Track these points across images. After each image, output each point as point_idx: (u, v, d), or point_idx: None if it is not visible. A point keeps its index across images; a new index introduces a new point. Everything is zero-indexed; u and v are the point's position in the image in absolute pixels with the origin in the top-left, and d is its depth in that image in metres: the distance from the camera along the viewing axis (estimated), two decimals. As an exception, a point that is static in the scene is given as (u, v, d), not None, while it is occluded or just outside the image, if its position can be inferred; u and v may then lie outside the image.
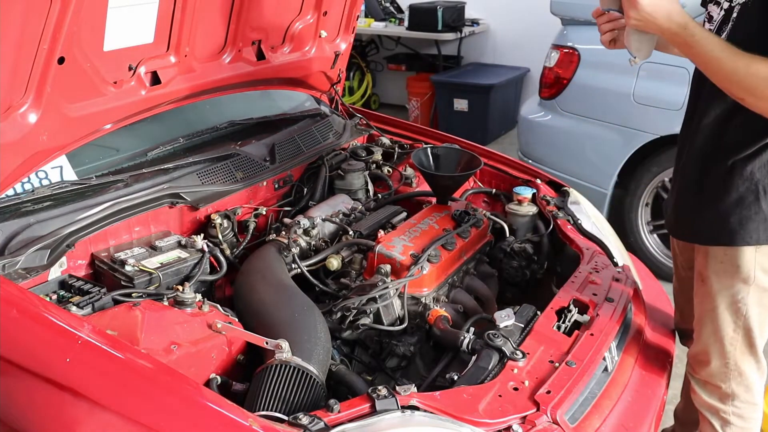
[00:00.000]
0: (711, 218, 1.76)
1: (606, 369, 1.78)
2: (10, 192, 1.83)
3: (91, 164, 2.09)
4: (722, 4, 1.71)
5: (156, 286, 1.77)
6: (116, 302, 1.66)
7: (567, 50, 3.93)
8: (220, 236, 2.08)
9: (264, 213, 2.27)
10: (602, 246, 2.21)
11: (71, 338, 1.36)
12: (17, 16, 1.57)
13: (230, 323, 1.64)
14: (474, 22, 6.35)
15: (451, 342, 1.74)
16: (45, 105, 1.75)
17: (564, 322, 1.80)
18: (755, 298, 1.77)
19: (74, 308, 1.60)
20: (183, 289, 1.71)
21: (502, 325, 1.70)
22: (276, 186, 2.41)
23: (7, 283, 1.52)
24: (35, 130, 1.76)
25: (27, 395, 1.34)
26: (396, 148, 2.72)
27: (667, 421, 2.30)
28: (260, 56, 2.47)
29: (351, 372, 1.73)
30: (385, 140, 2.78)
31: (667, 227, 2.03)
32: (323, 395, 1.50)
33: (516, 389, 1.52)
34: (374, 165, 2.62)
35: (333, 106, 2.97)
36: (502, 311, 1.74)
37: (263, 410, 1.38)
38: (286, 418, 1.31)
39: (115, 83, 1.97)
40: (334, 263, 2.00)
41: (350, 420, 1.32)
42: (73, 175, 1.99)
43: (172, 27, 2.05)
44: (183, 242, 1.94)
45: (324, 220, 2.20)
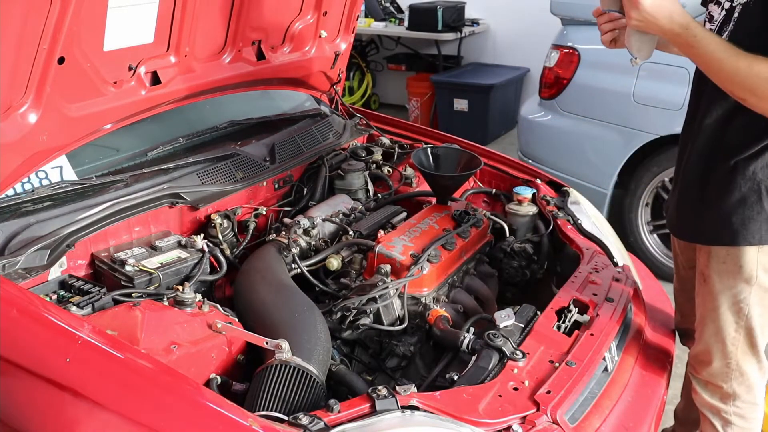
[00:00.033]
0: (713, 218, 1.76)
1: (606, 369, 1.78)
2: (10, 192, 1.83)
3: (91, 164, 2.09)
4: (723, 4, 1.71)
5: (156, 286, 1.77)
6: (116, 302, 1.66)
7: (567, 50, 3.93)
8: (220, 236, 2.08)
9: (264, 213, 2.27)
10: (602, 246, 2.21)
11: (71, 338, 1.36)
12: (17, 16, 1.57)
13: (230, 323, 1.64)
14: (474, 22, 6.35)
15: (451, 342, 1.74)
16: (45, 105, 1.75)
17: (564, 322, 1.80)
18: (757, 298, 1.76)
19: (74, 308, 1.59)
20: (183, 289, 1.71)
21: (502, 325, 1.70)
22: (276, 186, 2.40)
23: (7, 283, 1.52)
24: (35, 130, 1.76)
25: (27, 395, 1.34)
26: (396, 148, 2.72)
27: (667, 421, 2.30)
28: (260, 56, 2.47)
29: (351, 372, 1.73)
30: (385, 140, 2.78)
31: (669, 227, 2.03)
32: (323, 395, 1.50)
33: (516, 389, 1.52)
34: (374, 165, 2.62)
35: (333, 106, 2.96)
36: (502, 311, 1.74)
37: (263, 410, 1.38)
38: (286, 418, 1.31)
39: (115, 83, 1.97)
40: (334, 263, 2.00)
41: (350, 420, 1.32)
42: (73, 175, 1.99)
43: (172, 27, 2.05)
44: (183, 242, 1.94)
45: (324, 220, 2.20)
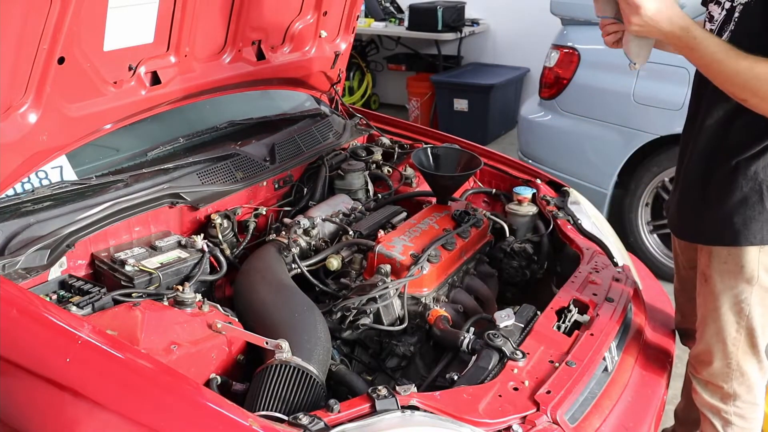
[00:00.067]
0: (714, 218, 1.76)
1: (606, 369, 1.78)
2: (10, 192, 1.83)
3: (91, 164, 2.09)
4: (723, 4, 1.70)
5: (156, 286, 1.77)
6: (116, 302, 1.66)
7: (567, 50, 3.93)
8: (220, 236, 2.08)
9: (264, 213, 2.27)
10: (602, 246, 2.21)
11: (71, 338, 1.36)
12: (17, 16, 1.57)
13: (230, 323, 1.64)
14: (474, 22, 6.35)
15: (451, 342, 1.74)
16: (45, 105, 1.75)
17: (564, 322, 1.80)
18: (758, 299, 1.76)
19: (74, 308, 1.59)
20: (183, 289, 1.71)
21: (502, 325, 1.70)
22: (276, 186, 2.40)
23: (7, 283, 1.52)
24: (35, 130, 1.76)
25: (27, 395, 1.34)
26: (396, 148, 2.72)
27: (667, 421, 2.30)
28: (260, 56, 2.47)
29: (351, 372, 1.73)
30: (385, 140, 2.78)
31: (670, 227, 2.03)
32: (323, 395, 1.50)
33: (516, 389, 1.52)
34: (374, 165, 2.62)
35: (333, 106, 2.96)
36: (502, 311, 1.74)
37: (263, 410, 1.38)
38: (286, 418, 1.31)
39: (115, 83, 1.97)
40: (334, 263, 2.00)
41: (350, 420, 1.32)
42: (73, 175, 1.99)
43: (172, 27, 2.05)
44: (183, 242, 1.94)
45: (324, 220, 2.20)
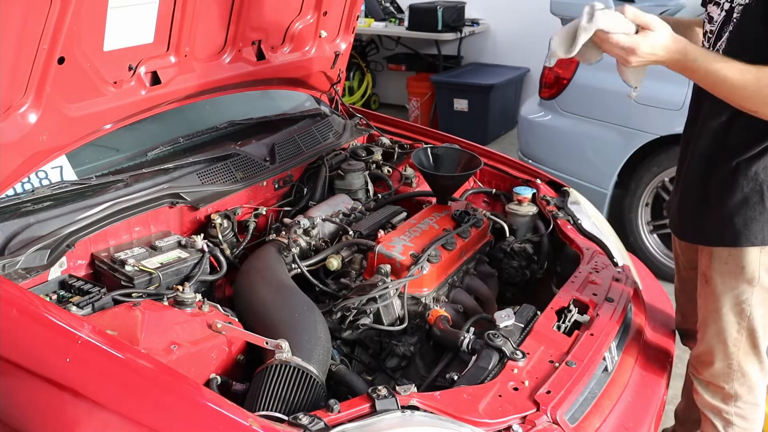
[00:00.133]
0: (715, 219, 1.76)
1: (606, 369, 1.78)
2: (10, 192, 1.83)
3: (91, 164, 2.09)
4: (723, 5, 1.70)
5: (156, 286, 1.77)
6: (116, 302, 1.66)
7: (567, 50, 3.93)
8: (220, 236, 2.08)
9: (264, 213, 2.27)
10: (602, 246, 2.21)
11: (71, 338, 1.36)
12: (17, 16, 1.57)
13: (230, 323, 1.64)
14: (474, 22, 6.35)
15: (451, 342, 1.74)
16: (45, 105, 1.75)
17: (564, 322, 1.80)
18: (759, 299, 1.76)
19: (74, 308, 1.59)
20: (183, 289, 1.71)
21: (502, 325, 1.70)
22: (276, 186, 2.40)
23: (7, 283, 1.52)
24: (35, 130, 1.76)
25: (27, 395, 1.34)
26: (396, 148, 2.72)
27: (667, 421, 2.30)
28: (260, 56, 2.47)
29: (351, 372, 1.73)
30: (385, 140, 2.78)
31: (671, 228, 2.03)
32: (323, 395, 1.50)
33: (516, 389, 1.52)
34: (374, 165, 2.62)
35: (333, 106, 2.96)
36: (502, 311, 1.74)
37: (263, 410, 1.38)
38: (286, 418, 1.31)
39: (115, 83, 1.97)
40: (334, 263, 1.99)
41: (350, 420, 1.32)
42: (73, 175, 1.99)
43: (172, 27, 2.05)
44: (183, 242, 1.94)
45: (324, 220, 2.20)
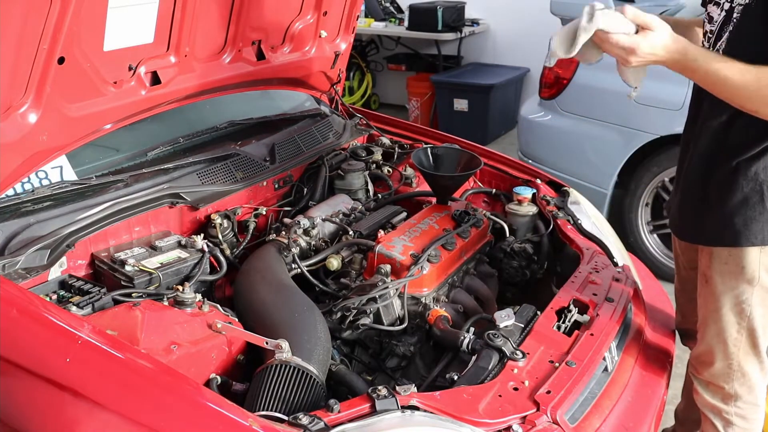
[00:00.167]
0: (715, 219, 1.76)
1: (606, 369, 1.78)
2: (10, 192, 1.83)
3: (91, 164, 2.09)
4: (723, 5, 1.70)
5: (156, 286, 1.77)
6: (116, 302, 1.66)
7: (567, 50, 3.93)
8: (220, 236, 2.08)
9: (264, 213, 2.27)
10: (602, 246, 2.21)
11: (71, 338, 1.36)
12: (17, 16, 1.57)
13: (230, 323, 1.64)
14: (474, 22, 6.35)
15: (451, 342, 1.74)
16: (45, 105, 1.75)
17: (564, 322, 1.80)
18: (759, 299, 1.76)
19: (74, 308, 1.59)
20: (183, 289, 1.71)
21: (502, 325, 1.70)
22: (276, 186, 2.40)
23: (7, 283, 1.52)
24: (35, 130, 1.76)
25: (27, 395, 1.34)
26: (396, 148, 2.72)
27: (667, 421, 2.30)
28: (260, 56, 2.47)
29: (351, 372, 1.73)
30: (385, 140, 2.78)
31: (671, 228, 2.03)
32: (323, 395, 1.50)
33: (516, 389, 1.52)
34: (374, 165, 2.62)
35: (333, 106, 2.96)
36: (502, 311, 1.74)
37: (263, 410, 1.38)
38: (286, 418, 1.31)
39: (115, 83, 1.97)
40: (334, 263, 1.99)
41: (350, 420, 1.32)
42: (73, 175, 1.99)
43: (172, 27, 2.05)
44: (183, 242, 1.94)
45: (324, 220, 2.20)
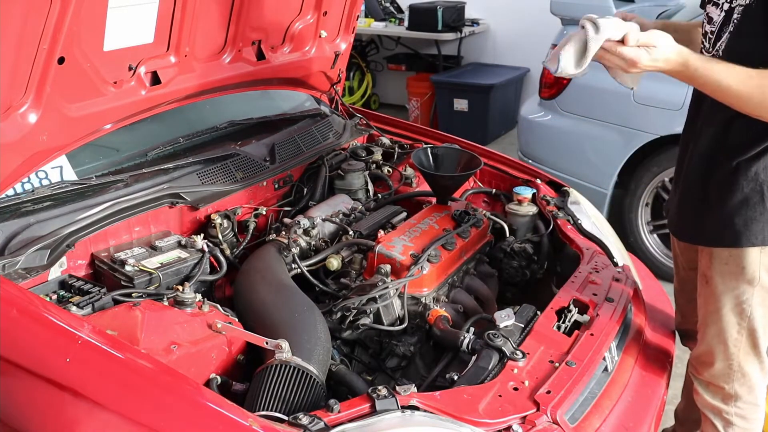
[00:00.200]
0: (715, 219, 1.76)
1: (606, 369, 1.78)
2: (10, 192, 1.83)
3: (91, 164, 2.09)
4: (722, 6, 1.70)
5: (156, 286, 1.77)
6: (116, 302, 1.66)
7: (567, 50, 3.92)
8: (220, 236, 2.08)
9: (264, 213, 2.27)
10: (602, 246, 2.21)
11: (71, 338, 1.36)
12: (17, 16, 1.57)
13: (230, 323, 1.64)
14: (474, 22, 6.35)
15: (451, 342, 1.74)
16: (45, 105, 1.75)
17: (564, 322, 1.80)
18: (760, 299, 1.76)
19: (74, 308, 1.59)
20: (183, 289, 1.71)
21: (502, 325, 1.70)
22: (276, 186, 2.40)
23: (7, 283, 1.52)
24: (35, 130, 1.76)
25: (27, 395, 1.34)
26: (396, 148, 2.72)
27: (667, 421, 2.30)
28: (260, 56, 2.47)
29: (351, 372, 1.73)
30: (385, 140, 2.78)
31: (670, 228, 2.03)
32: (323, 395, 1.50)
33: (516, 389, 1.52)
34: (374, 165, 2.62)
35: (333, 106, 2.96)
36: (502, 311, 1.74)
37: (263, 410, 1.38)
38: (286, 418, 1.31)
39: (115, 83, 1.97)
40: (334, 263, 1.99)
41: (350, 420, 1.32)
42: (73, 175, 1.99)
43: (172, 27, 2.05)
44: (183, 242, 1.94)
45: (324, 220, 2.20)
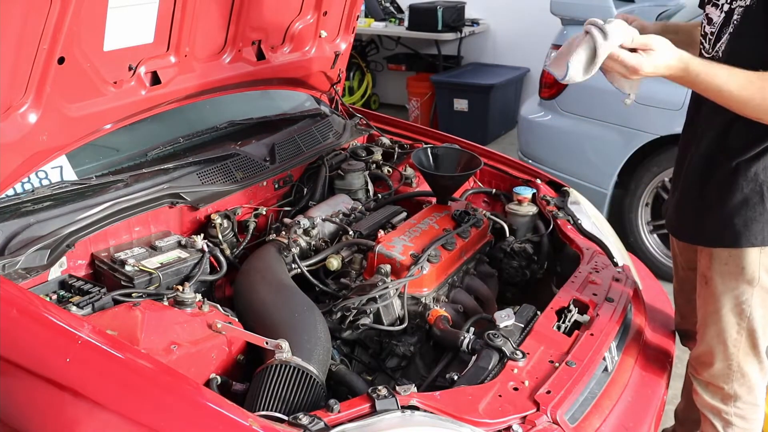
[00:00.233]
0: (715, 220, 1.76)
1: (606, 369, 1.78)
2: (10, 192, 1.83)
3: (91, 164, 2.09)
4: (722, 6, 1.69)
5: (156, 286, 1.77)
6: (116, 302, 1.66)
7: (567, 50, 3.93)
8: (220, 236, 2.08)
9: (264, 213, 2.27)
10: (602, 246, 2.21)
11: (71, 338, 1.36)
12: (17, 16, 1.57)
13: (230, 323, 1.64)
14: (474, 22, 6.35)
15: (451, 342, 1.74)
16: (45, 105, 1.75)
17: (564, 322, 1.80)
18: (759, 300, 1.76)
19: (74, 308, 1.59)
20: (183, 289, 1.71)
21: (502, 325, 1.70)
22: (276, 186, 2.40)
23: (7, 283, 1.52)
24: (35, 130, 1.76)
25: (27, 395, 1.34)
26: (396, 148, 2.72)
27: (667, 421, 2.30)
28: (260, 56, 2.47)
29: (351, 372, 1.73)
30: (385, 140, 2.78)
31: (669, 228, 2.02)
32: (323, 395, 1.50)
33: (516, 389, 1.52)
34: (374, 165, 2.62)
35: (333, 106, 2.96)
36: (502, 311, 1.74)
37: (263, 410, 1.38)
38: (286, 418, 1.31)
39: (115, 83, 1.97)
40: (334, 263, 2.00)
41: (350, 420, 1.32)
42: (73, 175, 1.99)
43: (172, 27, 2.05)
44: (183, 242, 1.94)
45: (324, 220, 2.20)
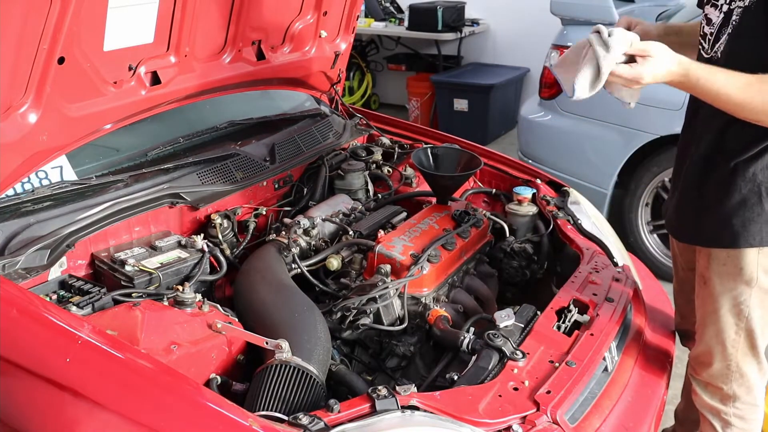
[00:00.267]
0: (713, 220, 1.76)
1: (606, 369, 1.78)
2: (10, 192, 1.83)
3: (91, 164, 2.09)
4: (721, 7, 1.69)
5: (156, 286, 1.77)
6: (116, 302, 1.66)
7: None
8: (220, 236, 2.08)
9: (264, 213, 2.27)
10: (602, 246, 2.21)
11: (71, 338, 1.36)
12: (17, 16, 1.57)
13: (230, 323, 1.64)
14: (474, 22, 6.35)
15: (451, 342, 1.74)
16: (45, 105, 1.75)
17: (564, 322, 1.80)
18: (757, 300, 1.76)
19: (74, 308, 1.59)
20: (183, 289, 1.71)
21: (502, 325, 1.70)
22: (276, 186, 2.40)
23: (7, 283, 1.52)
24: (35, 130, 1.76)
25: (27, 395, 1.35)
26: (396, 148, 2.72)
27: (667, 421, 2.30)
28: (260, 56, 2.47)
29: (351, 372, 1.73)
30: (385, 140, 2.78)
31: (668, 229, 2.03)
32: (323, 395, 1.50)
33: (516, 389, 1.52)
34: (374, 165, 2.62)
35: (333, 106, 2.96)
36: (502, 311, 1.74)
37: (263, 410, 1.38)
38: (286, 418, 1.31)
39: (115, 83, 1.97)
40: (334, 263, 2.00)
41: (350, 420, 1.32)
42: (73, 175, 1.99)
43: (172, 27, 2.05)
44: (183, 242, 1.94)
45: (324, 220, 2.20)
